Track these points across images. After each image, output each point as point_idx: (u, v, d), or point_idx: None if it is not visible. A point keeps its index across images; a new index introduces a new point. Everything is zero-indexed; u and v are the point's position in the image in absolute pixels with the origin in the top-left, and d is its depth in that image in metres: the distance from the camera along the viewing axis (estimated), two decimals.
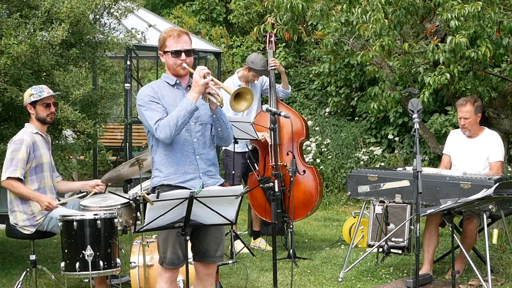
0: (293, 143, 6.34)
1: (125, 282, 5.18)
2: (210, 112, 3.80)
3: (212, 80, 3.68)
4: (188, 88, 3.86)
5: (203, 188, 3.74)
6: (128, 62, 7.04)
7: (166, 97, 3.80)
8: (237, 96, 3.66)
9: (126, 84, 6.82)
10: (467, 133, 5.65)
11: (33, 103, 4.89)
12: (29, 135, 4.85)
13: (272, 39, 6.68)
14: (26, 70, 5.35)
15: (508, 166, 7.99)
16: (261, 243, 6.69)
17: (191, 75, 3.85)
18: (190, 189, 3.75)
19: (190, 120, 3.74)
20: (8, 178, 4.75)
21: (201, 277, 3.96)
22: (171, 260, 3.79)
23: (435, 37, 6.39)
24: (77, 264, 4.50)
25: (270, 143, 6.30)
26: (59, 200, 5.08)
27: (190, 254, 3.92)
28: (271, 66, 6.51)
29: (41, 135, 4.94)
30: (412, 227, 5.84)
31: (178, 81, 3.87)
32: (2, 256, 6.31)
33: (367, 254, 6.06)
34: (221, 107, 3.76)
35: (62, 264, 4.58)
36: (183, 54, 3.78)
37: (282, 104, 6.56)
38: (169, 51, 3.79)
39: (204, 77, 3.66)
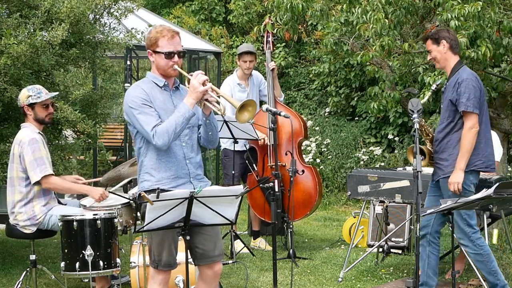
0: (292, 143, 6.34)
1: (125, 282, 5.18)
2: (203, 117, 3.78)
3: (211, 87, 3.66)
4: (175, 89, 3.86)
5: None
6: (128, 62, 7.02)
7: (157, 100, 3.75)
8: (241, 108, 3.62)
9: (126, 84, 6.81)
10: None
11: (32, 105, 4.88)
12: (36, 134, 4.84)
13: (270, 39, 6.66)
14: (26, 70, 5.35)
15: (508, 166, 7.99)
16: (261, 243, 6.69)
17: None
18: None
19: (186, 126, 3.72)
20: (44, 177, 4.71)
21: (205, 278, 3.90)
22: (167, 262, 3.77)
23: None
24: (77, 264, 4.50)
25: (270, 143, 6.30)
26: (58, 200, 5.09)
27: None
28: (271, 66, 6.50)
29: (41, 134, 4.95)
30: (412, 227, 5.84)
31: (166, 82, 3.83)
32: (2, 256, 6.31)
33: (367, 254, 6.06)
34: (223, 116, 3.73)
35: (62, 264, 4.58)
36: (175, 56, 3.75)
37: (280, 104, 6.55)
38: (161, 52, 3.73)
39: (204, 84, 3.64)
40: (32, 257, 4.90)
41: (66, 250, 4.57)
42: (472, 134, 4.56)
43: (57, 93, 5.26)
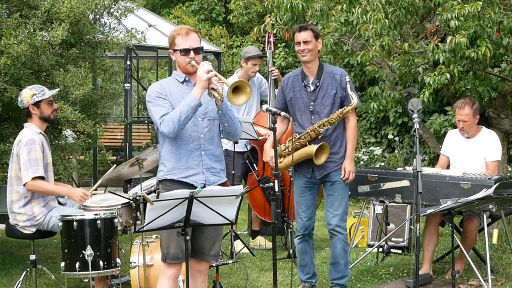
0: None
1: (125, 282, 5.18)
2: (216, 107, 3.84)
3: (215, 75, 3.73)
4: None
5: (204, 185, 3.77)
6: (128, 62, 7.01)
7: (173, 93, 3.87)
8: (236, 89, 3.70)
9: (126, 84, 6.81)
10: (466, 135, 5.65)
11: (37, 103, 4.88)
12: (36, 135, 4.84)
13: (271, 39, 6.67)
14: (26, 70, 5.35)
15: (508, 166, 7.98)
16: (261, 240, 6.70)
17: None
18: (192, 184, 3.81)
19: (194, 115, 3.79)
20: (34, 178, 4.70)
21: (192, 273, 3.96)
22: (175, 254, 3.82)
23: (435, 37, 6.39)
24: (77, 264, 4.50)
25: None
26: (58, 201, 5.08)
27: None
28: (273, 74, 6.50)
29: (43, 135, 4.94)
30: (412, 227, 5.84)
31: (187, 78, 3.94)
32: (2, 256, 6.31)
33: (367, 254, 6.06)
34: (221, 101, 3.78)
35: (62, 264, 4.58)
36: (191, 52, 3.86)
37: None
38: (178, 49, 3.87)
39: (208, 72, 3.71)
40: (32, 257, 4.90)
41: (66, 250, 4.57)
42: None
43: (58, 89, 5.27)
